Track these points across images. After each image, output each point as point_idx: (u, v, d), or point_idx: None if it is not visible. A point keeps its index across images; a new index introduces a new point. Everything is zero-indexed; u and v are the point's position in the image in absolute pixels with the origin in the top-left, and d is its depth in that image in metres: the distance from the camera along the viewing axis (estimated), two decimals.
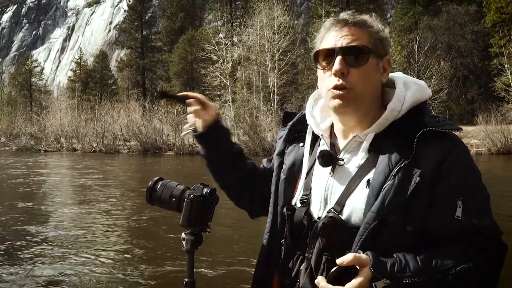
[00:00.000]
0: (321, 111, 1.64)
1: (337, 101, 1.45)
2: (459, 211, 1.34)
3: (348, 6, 51.89)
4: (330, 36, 1.48)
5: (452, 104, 44.89)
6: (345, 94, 1.44)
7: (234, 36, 51.36)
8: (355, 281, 1.25)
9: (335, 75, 1.44)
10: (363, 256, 1.28)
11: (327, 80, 1.48)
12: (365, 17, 1.49)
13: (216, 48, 47.92)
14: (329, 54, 1.46)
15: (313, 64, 1.56)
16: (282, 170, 1.65)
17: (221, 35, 49.97)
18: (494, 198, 1.41)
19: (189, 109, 1.80)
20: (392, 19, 60.63)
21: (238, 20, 53.80)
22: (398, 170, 1.35)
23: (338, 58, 1.43)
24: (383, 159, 1.39)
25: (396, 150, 1.39)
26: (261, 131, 34.40)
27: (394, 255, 1.30)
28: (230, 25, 54.67)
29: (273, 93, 42.43)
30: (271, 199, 1.66)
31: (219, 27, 50.82)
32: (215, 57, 48.66)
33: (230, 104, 45.48)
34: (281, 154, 1.70)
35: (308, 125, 1.65)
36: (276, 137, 1.96)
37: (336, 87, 1.44)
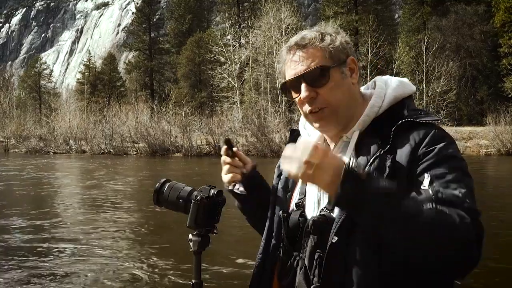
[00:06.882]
0: None
1: (317, 124, 1.53)
2: (426, 182, 1.31)
3: (356, 7, 51.82)
4: (288, 65, 1.52)
5: (461, 105, 44.66)
6: (322, 115, 1.50)
7: (241, 37, 51.43)
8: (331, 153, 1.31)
9: (305, 101, 1.49)
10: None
11: (302, 107, 1.53)
12: (313, 33, 1.50)
13: (224, 50, 48.00)
14: (294, 84, 1.50)
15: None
16: (280, 180, 1.69)
17: (228, 37, 50.06)
18: (499, 198, 1.39)
19: (234, 162, 1.71)
20: (400, 19, 60.49)
21: (246, 22, 53.83)
22: (374, 160, 1.39)
23: (303, 85, 1.48)
24: (363, 153, 1.43)
25: (375, 143, 1.43)
26: (269, 133, 34.35)
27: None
28: (237, 26, 54.80)
29: (281, 94, 42.37)
30: (270, 207, 1.69)
31: (226, 29, 50.94)
32: (222, 59, 48.72)
33: (238, 105, 45.51)
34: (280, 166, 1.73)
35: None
36: (284, 139, 1.96)
37: (311, 112, 1.50)
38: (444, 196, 1.28)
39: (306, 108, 1.50)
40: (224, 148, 1.67)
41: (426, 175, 1.32)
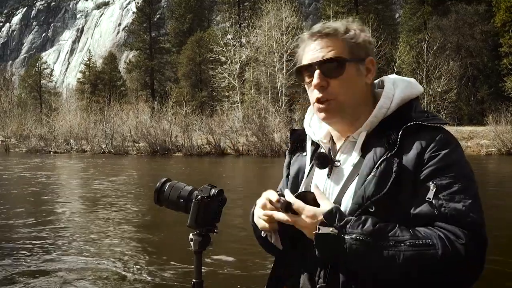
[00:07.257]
0: (318, 119, 1.65)
1: (322, 114, 1.52)
2: (431, 193, 1.33)
3: (356, 6, 51.85)
4: (307, 50, 1.53)
5: (462, 105, 44.66)
6: (328, 107, 1.49)
7: (242, 37, 51.45)
8: (307, 207, 1.39)
9: (315, 88, 1.50)
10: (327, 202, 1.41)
11: (311, 93, 1.53)
12: (338, 24, 1.51)
13: (225, 49, 48.01)
14: (309, 69, 1.51)
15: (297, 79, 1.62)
16: (288, 181, 1.68)
17: (229, 36, 50.07)
18: (500, 198, 1.39)
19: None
20: (401, 19, 60.45)
21: (246, 21, 53.81)
22: (381, 163, 1.39)
23: (317, 72, 1.48)
24: (370, 155, 1.43)
25: (382, 145, 1.42)
26: (269, 132, 34.35)
27: (363, 217, 1.35)
28: (238, 26, 54.76)
29: (282, 94, 42.43)
30: None
31: (227, 28, 50.93)
32: (223, 58, 48.74)
33: (239, 105, 45.54)
34: (288, 166, 1.73)
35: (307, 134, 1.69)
36: (284, 138, 1.94)
37: (318, 101, 1.50)
38: (447, 211, 1.32)
39: (315, 94, 1.50)
40: (277, 203, 1.44)
41: (431, 185, 1.34)
